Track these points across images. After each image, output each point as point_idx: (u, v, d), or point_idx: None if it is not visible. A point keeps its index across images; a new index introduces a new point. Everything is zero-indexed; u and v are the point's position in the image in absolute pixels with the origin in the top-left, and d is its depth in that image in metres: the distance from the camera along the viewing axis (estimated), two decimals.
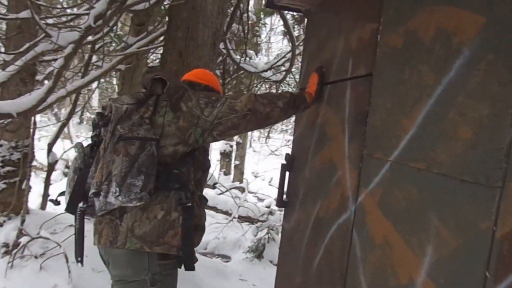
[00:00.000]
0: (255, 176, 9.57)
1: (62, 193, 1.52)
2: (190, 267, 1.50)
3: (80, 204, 1.43)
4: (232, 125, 1.48)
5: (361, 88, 1.32)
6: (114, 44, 4.19)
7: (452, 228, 0.78)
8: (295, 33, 4.33)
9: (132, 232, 1.41)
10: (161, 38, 3.46)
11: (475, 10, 0.78)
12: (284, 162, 2.16)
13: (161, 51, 3.34)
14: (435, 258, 0.83)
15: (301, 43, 3.93)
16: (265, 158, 12.95)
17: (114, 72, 4.97)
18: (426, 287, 0.85)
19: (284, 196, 2.12)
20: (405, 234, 0.95)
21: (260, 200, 6.29)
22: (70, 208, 1.45)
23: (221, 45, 3.40)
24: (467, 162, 0.75)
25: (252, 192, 7.06)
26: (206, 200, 1.71)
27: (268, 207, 4.15)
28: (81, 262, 1.48)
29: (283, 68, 4.19)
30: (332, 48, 1.64)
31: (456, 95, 0.81)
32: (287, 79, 4.39)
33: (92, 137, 1.51)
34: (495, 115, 0.69)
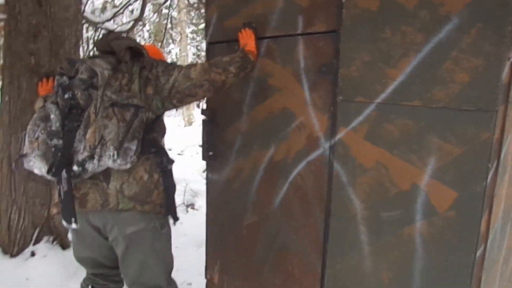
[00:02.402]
0: None
1: (22, 156, 1.44)
2: (176, 218, 1.66)
3: (75, 167, 1.40)
4: (189, 93, 1.59)
5: (322, 43, 1.53)
6: None
7: (454, 142, 1.17)
8: None
9: (122, 193, 1.48)
10: None
11: None
12: (204, 117, 2.20)
13: None
14: (438, 165, 1.22)
15: None
16: None
17: None
18: (432, 185, 1.24)
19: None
20: (403, 155, 1.31)
21: None
22: (57, 172, 1.40)
23: None
24: (466, 97, 1.12)
25: None
26: (173, 161, 1.72)
27: None
28: (76, 222, 1.46)
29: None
30: (264, 4, 1.74)
31: (449, 50, 1.15)
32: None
33: (66, 99, 1.42)
34: (489, 65, 1.07)
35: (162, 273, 1.67)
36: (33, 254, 2.49)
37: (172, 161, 1.66)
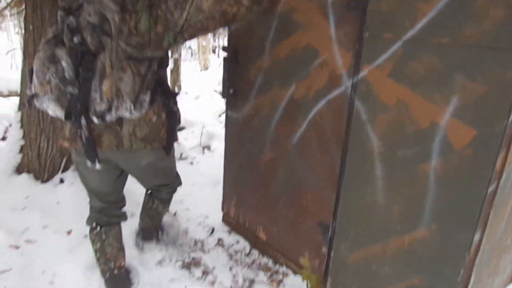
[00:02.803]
0: None
1: (33, 95, 1.45)
2: (168, 152, 1.79)
3: (95, 119, 1.47)
4: (201, 26, 1.55)
5: None
6: None
7: (479, 81, 1.17)
8: None
9: (134, 135, 1.59)
10: None
11: None
12: (225, 54, 2.20)
13: None
14: (460, 104, 1.23)
15: None
16: None
17: None
18: (452, 123, 1.26)
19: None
20: (425, 93, 1.31)
21: None
22: (76, 119, 1.47)
23: None
24: (497, 35, 1.10)
25: None
26: (176, 93, 1.76)
27: None
28: (100, 162, 1.59)
29: None
30: None
31: None
32: None
33: (76, 44, 1.38)
34: None
35: (171, 175, 2.04)
36: (61, 181, 2.66)
37: (176, 103, 1.73)
